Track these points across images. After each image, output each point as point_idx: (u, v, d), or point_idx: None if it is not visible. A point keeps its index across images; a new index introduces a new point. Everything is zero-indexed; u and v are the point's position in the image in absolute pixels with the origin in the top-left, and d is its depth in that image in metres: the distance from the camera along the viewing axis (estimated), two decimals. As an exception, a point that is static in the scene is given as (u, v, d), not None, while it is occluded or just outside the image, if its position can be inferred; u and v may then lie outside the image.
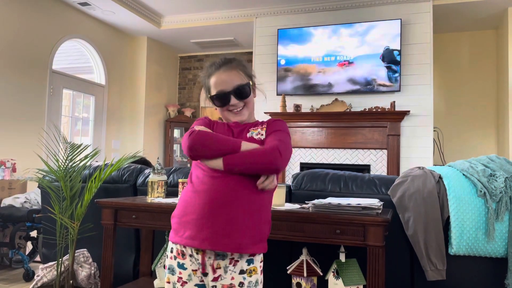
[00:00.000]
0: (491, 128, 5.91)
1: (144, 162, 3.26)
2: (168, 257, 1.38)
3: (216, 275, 1.31)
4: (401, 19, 5.21)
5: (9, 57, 4.71)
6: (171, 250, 1.37)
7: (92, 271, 2.58)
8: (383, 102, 5.29)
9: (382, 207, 1.81)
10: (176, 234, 1.35)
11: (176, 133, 7.46)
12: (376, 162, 5.23)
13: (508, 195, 1.89)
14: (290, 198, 2.29)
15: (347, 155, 5.36)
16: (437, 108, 5.96)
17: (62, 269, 2.51)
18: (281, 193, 1.96)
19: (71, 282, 2.49)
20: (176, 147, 7.48)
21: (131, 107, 6.72)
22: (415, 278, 2.05)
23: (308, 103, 5.59)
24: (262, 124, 1.45)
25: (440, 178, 2.04)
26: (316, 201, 1.86)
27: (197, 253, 1.32)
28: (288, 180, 5.44)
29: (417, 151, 5.14)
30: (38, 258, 3.81)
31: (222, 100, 1.42)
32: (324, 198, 2.10)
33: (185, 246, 1.33)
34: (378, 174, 2.31)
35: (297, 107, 5.50)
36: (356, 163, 5.31)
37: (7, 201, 3.64)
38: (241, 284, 1.31)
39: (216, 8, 5.91)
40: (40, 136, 5.05)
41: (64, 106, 5.65)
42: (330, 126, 5.41)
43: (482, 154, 5.70)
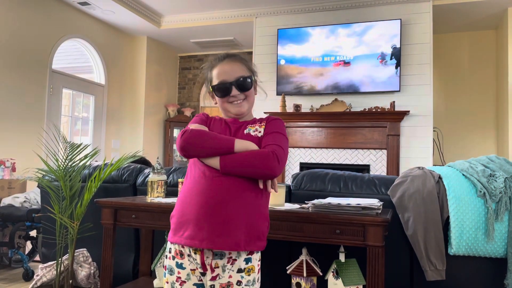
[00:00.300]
0: (491, 128, 5.91)
1: (143, 162, 3.26)
2: (167, 257, 1.39)
3: (214, 274, 1.31)
4: (401, 19, 5.21)
5: (8, 56, 4.71)
6: (170, 251, 1.37)
7: (92, 271, 2.58)
8: (383, 102, 5.29)
9: (381, 207, 1.81)
10: (175, 234, 1.35)
11: (175, 132, 7.46)
12: (376, 162, 5.23)
13: (507, 195, 1.89)
14: (289, 198, 2.29)
15: (346, 155, 5.37)
16: (436, 108, 5.97)
17: (62, 268, 2.51)
18: (280, 193, 1.96)
19: (71, 281, 2.49)
20: (176, 147, 7.48)
21: (131, 106, 6.72)
22: (414, 278, 2.05)
23: (308, 103, 5.59)
24: (261, 122, 1.44)
25: (440, 178, 2.04)
26: (315, 201, 1.86)
27: (195, 253, 1.32)
28: (288, 180, 5.44)
29: (416, 151, 5.14)
30: (37, 258, 3.81)
31: (223, 90, 1.41)
32: (324, 198, 2.10)
33: (183, 246, 1.33)
34: (378, 174, 2.31)
35: (297, 107, 5.51)
36: (355, 163, 5.32)
37: (6, 200, 3.64)
38: (239, 282, 1.31)
39: (216, 8, 5.91)
40: (39, 136, 5.05)
41: (64, 105, 5.65)
42: (330, 126, 5.41)
43: (482, 154, 5.71)
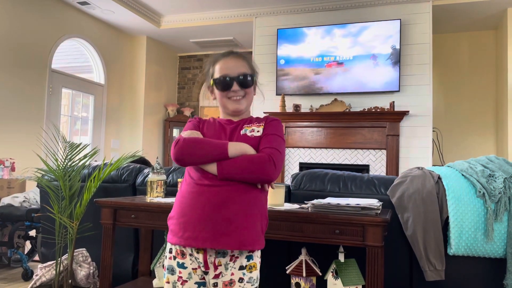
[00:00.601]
0: (490, 128, 5.91)
1: (143, 162, 3.26)
2: (167, 257, 1.39)
3: (217, 272, 1.33)
4: (400, 19, 5.21)
5: (8, 56, 4.71)
6: (170, 251, 1.37)
7: (91, 271, 2.58)
8: (383, 102, 5.29)
9: (381, 207, 1.81)
10: (175, 235, 1.35)
11: (175, 132, 7.46)
12: (375, 162, 5.23)
13: (507, 195, 1.90)
14: (289, 198, 2.30)
15: (346, 155, 5.37)
16: (436, 109, 5.97)
17: (61, 268, 2.51)
18: (280, 193, 1.96)
19: (70, 281, 2.49)
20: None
21: (130, 106, 6.71)
22: (414, 278, 2.05)
23: (307, 103, 5.59)
24: (259, 122, 1.44)
25: (439, 178, 2.04)
26: (315, 201, 1.86)
27: (197, 252, 1.33)
28: (288, 180, 5.44)
29: (416, 151, 5.14)
30: (37, 258, 3.80)
31: (224, 84, 1.41)
32: (323, 198, 2.10)
33: (185, 246, 1.34)
34: (377, 174, 2.31)
35: (296, 107, 5.51)
36: (355, 163, 5.32)
37: (6, 200, 3.63)
38: (241, 279, 1.33)
39: (216, 7, 5.91)
40: (39, 135, 5.05)
41: (63, 105, 5.65)
42: (329, 126, 5.41)
43: (481, 154, 5.71)
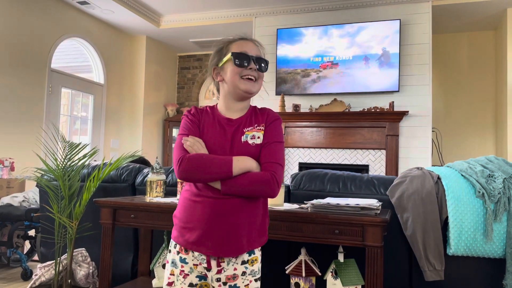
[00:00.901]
0: (490, 129, 5.92)
1: (142, 162, 3.26)
2: (171, 251, 1.40)
3: (220, 268, 1.35)
4: (400, 20, 5.21)
5: (8, 55, 4.70)
6: (175, 246, 1.39)
7: (90, 271, 2.58)
8: (382, 102, 5.29)
9: (380, 207, 1.81)
10: (180, 236, 1.36)
11: (175, 132, 7.45)
12: (375, 162, 5.23)
13: (506, 195, 1.90)
14: (289, 198, 2.30)
15: (346, 155, 5.37)
16: (435, 109, 5.97)
17: (60, 268, 2.51)
18: (280, 193, 1.96)
19: (69, 281, 2.48)
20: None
21: (130, 106, 6.71)
22: (413, 279, 2.05)
23: (307, 103, 5.59)
24: (258, 123, 1.39)
25: (439, 178, 2.04)
26: (314, 201, 1.86)
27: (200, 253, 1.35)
28: (287, 180, 5.44)
29: (415, 151, 5.14)
30: (36, 257, 3.80)
31: (243, 58, 1.39)
32: (323, 198, 2.10)
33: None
34: (377, 175, 2.31)
35: (296, 107, 5.51)
36: (354, 163, 5.32)
37: (5, 200, 3.63)
38: (243, 273, 1.35)
39: (215, 7, 5.91)
40: (38, 135, 5.05)
41: (63, 105, 5.64)
42: (329, 126, 5.41)
43: (481, 154, 5.71)
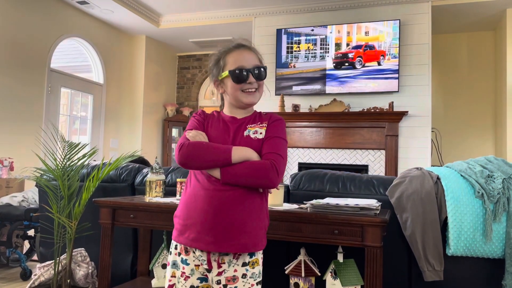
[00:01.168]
0: (489, 129, 5.92)
1: (142, 161, 3.25)
2: (172, 253, 1.41)
3: (221, 269, 1.34)
4: (399, 20, 5.21)
5: (7, 55, 4.70)
6: (176, 247, 1.39)
7: (90, 271, 2.58)
8: (382, 102, 5.30)
9: (380, 207, 1.81)
10: (180, 234, 1.37)
11: (174, 132, 7.45)
12: (374, 162, 5.24)
13: (505, 196, 1.90)
14: (288, 198, 2.30)
15: (345, 155, 5.37)
16: (435, 109, 5.97)
17: (60, 268, 2.51)
18: (279, 193, 1.96)
19: (69, 281, 2.48)
20: (174, 146, 7.47)
21: (129, 106, 6.71)
22: (412, 279, 2.05)
23: (306, 103, 5.59)
24: (261, 121, 1.42)
25: (438, 179, 2.04)
26: (314, 201, 1.86)
27: (201, 251, 1.34)
28: (287, 180, 5.43)
29: (415, 151, 5.15)
30: (35, 257, 3.80)
31: (240, 76, 1.39)
32: (322, 198, 2.10)
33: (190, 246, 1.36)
34: (376, 175, 2.31)
35: (295, 107, 5.51)
36: (354, 163, 5.32)
37: (4, 199, 3.63)
38: (244, 275, 1.35)
39: (215, 7, 5.91)
40: (38, 135, 5.04)
41: (62, 104, 5.64)
42: (328, 126, 5.41)
43: (480, 155, 5.71)
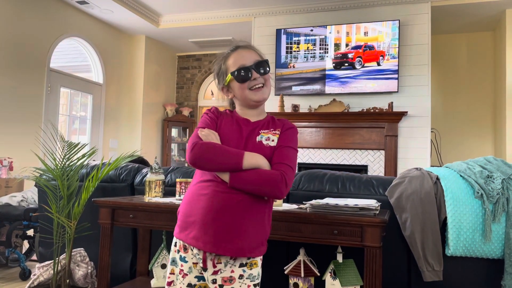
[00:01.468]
0: (488, 129, 5.92)
1: (141, 161, 3.25)
2: (172, 250, 1.41)
3: (216, 269, 1.33)
4: (399, 20, 5.22)
5: (6, 55, 4.70)
6: (175, 244, 1.40)
7: (89, 271, 2.58)
8: (381, 102, 5.30)
9: (379, 208, 1.81)
10: (181, 231, 1.37)
11: (174, 132, 7.45)
12: (374, 162, 5.24)
13: (505, 196, 1.90)
14: (287, 199, 2.29)
15: (345, 155, 5.37)
16: (434, 109, 5.98)
17: (59, 268, 2.51)
18: (278, 193, 1.96)
19: (68, 281, 2.48)
20: (174, 146, 7.47)
21: (129, 106, 6.71)
22: (412, 279, 2.06)
23: (306, 103, 5.59)
24: (274, 128, 1.41)
25: (438, 179, 2.05)
26: (313, 201, 1.86)
27: (198, 250, 1.34)
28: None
29: (414, 152, 5.15)
30: (34, 257, 3.80)
31: (244, 75, 1.38)
32: (322, 198, 2.10)
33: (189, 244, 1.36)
34: (376, 175, 2.31)
35: (295, 107, 5.51)
36: (353, 163, 5.32)
37: (3, 199, 3.62)
38: (241, 276, 1.33)
39: (215, 7, 5.91)
40: (37, 135, 5.04)
41: (62, 104, 5.64)
42: (328, 127, 5.41)
43: (479, 155, 5.72)
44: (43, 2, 5.16)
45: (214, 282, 1.33)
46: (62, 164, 2.58)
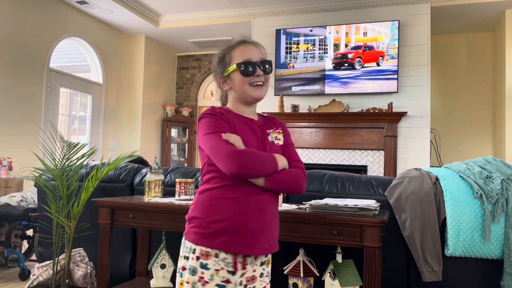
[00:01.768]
0: (488, 130, 5.93)
1: (141, 162, 3.26)
2: (188, 258, 1.34)
3: (244, 271, 1.35)
4: (399, 21, 5.22)
5: (6, 55, 4.69)
6: (193, 251, 1.33)
7: (88, 271, 2.58)
8: (381, 103, 5.30)
9: (379, 208, 1.81)
10: (205, 237, 1.31)
11: (173, 132, 7.45)
12: (373, 163, 5.24)
13: (504, 197, 1.90)
14: (287, 199, 2.30)
15: (344, 155, 5.37)
16: (434, 110, 5.98)
17: (58, 268, 2.51)
18: (278, 193, 1.96)
19: (67, 281, 2.48)
20: (173, 146, 7.47)
21: (128, 106, 6.71)
22: (411, 279, 2.06)
23: (305, 104, 5.59)
24: (276, 127, 1.48)
25: (437, 179, 2.05)
26: (313, 201, 1.86)
27: (226, 253, 1.31)
28: (285, 180, 5.43)
29: (414, 152, 5.15)
30: (34, 257, 3.80)
31: (248, 68, 1.38)
32: (321, 198, 2.10)
33: (219, 250, 1.32)
34: (375, 175, 2.31)
35: (294, 107, 5.51)
36: (353, 163, 5.32)
37: (3, 199, 3.62)
38: (261, 274, 1.39)
39: (215, 7, 5.91)
40: (36, 135, 5.04)
41: (61, 104, 5.63)
42: (327, 127, 5.42)
43: (479, 155, 5.73)
44: (43, 2, 5.16)
45: (241, 284, 1.34)
46: (62, 164, 2.58)
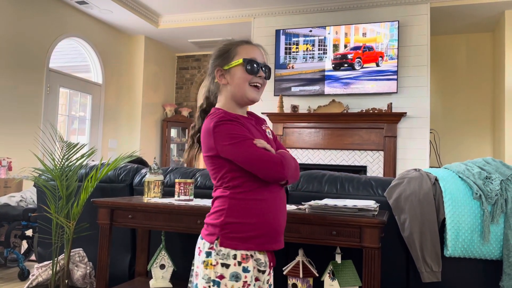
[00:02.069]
0: (487, 130, 5.93)
1: (140, 162, 3.25)
2: (229, 265, 1.30)
3: (271, 269, 1.40)
4: (398, 21, 5.22)
5: (5, 55, 4.69)
6: (234, 257, 1.30)
7: (88, 271, 2.58)
8: (380, 103, 5.30)
9: (378, 208, 1.82)
10: (245, 241, 1.31)
11: (173, 132, 7.45)
12: (373, 163, 5.24)
13: (503, 197, 1.90)
14: (286, 199, 2.29)
15: (344, 156, 5.37)
16: (433, 110, 5.98)
17: (58, 268, 2.51)
18: (277, 194, 1.96)
19: (66, 281, 2.48)
20: (173, 146, 7.47)
21: (128, 106, 6.70)
22: (410, 280, 2.06)
23: (305, 104, 5.59)
24: (263, 122, 1.53)
25: (436, 180, 2.05)
26: (312, 202, 1.86)
27: (259, 253, 1.35)
28: (285, 181, 5.43)
29: (413, 152, 5.15)
30: (33, 257, 3.79)
31: (254, 66, 1.39)
32: (321, 199, 2.11)
33: (260, 251, 1.35)
34: (375, 176, 2.31)
35: (294, 107, 5.51)
36: (352, 164, 5.32)
37: (2, 199, 3.62)
38: (270, 272, 1.43)
39: (214, 8, 5.91)
40: (36, 135, 5.04)
41: (61, 104, 5.63)
42: (327, 127, 5.42)
43: (478, 156, 5.73)
44: (43, 2, 5.16)
45: (267, 282, 1.38)
46: (61, 164, 2.58)
